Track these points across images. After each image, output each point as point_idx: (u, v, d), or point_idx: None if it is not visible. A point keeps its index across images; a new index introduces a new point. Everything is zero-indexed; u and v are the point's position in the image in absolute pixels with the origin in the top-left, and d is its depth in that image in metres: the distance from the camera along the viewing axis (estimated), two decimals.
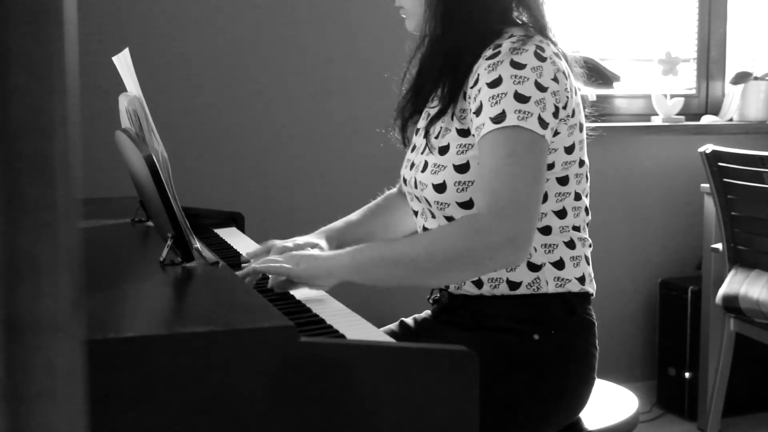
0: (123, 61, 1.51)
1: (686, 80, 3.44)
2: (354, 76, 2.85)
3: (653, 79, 3.32)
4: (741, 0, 3.47)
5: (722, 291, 2.72)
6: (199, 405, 1.01)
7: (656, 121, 3.26)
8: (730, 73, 3.41)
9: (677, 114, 3.26)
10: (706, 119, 3.35)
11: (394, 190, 1.87)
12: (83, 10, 2.47)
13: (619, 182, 3.19)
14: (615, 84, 3.25)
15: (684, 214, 3.28)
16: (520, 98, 1.39)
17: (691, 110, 3.39)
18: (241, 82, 2.74)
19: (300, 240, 1.70)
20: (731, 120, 3.37)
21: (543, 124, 1.40)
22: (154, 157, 1.34)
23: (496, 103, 1.40)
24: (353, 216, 1.81)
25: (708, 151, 2.72)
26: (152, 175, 1.32)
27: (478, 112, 1.43)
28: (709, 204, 2.94)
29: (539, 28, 1.51)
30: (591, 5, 3.26)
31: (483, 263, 1.38)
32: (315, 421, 1.05)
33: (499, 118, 1.39)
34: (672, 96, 3.29)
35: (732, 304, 2.68)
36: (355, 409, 1.06)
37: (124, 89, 1.60)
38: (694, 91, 3.44)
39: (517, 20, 1.54)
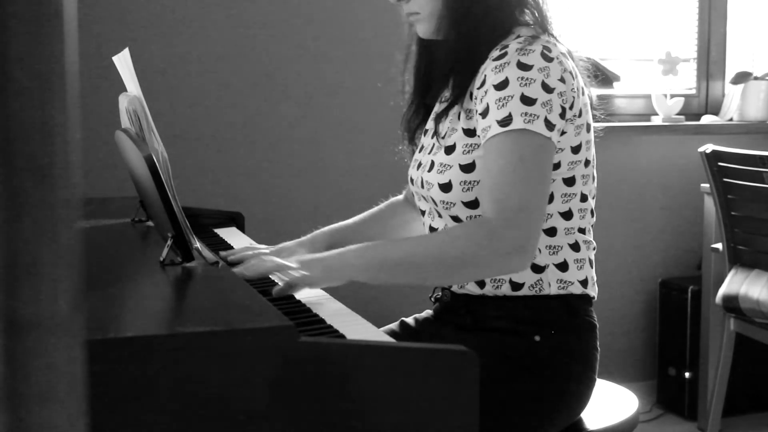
0: (123, 61, 1.51)
1: (686, 80, 3.44)
2: (355, 76, 2.85)
3: (653, 79, 3.32)
4: (741, 0, 3.47)
5: (722, 291, 2.72)
6: (199, 405, 1.01)
7: (656, 121, 3.26)
8: (730, 73, 3.41)
9: (677, 114, 3.26)
10: (706, 119, 3.35)
11: (400, 197, 1.86)
12: (83, 10, 2.47)
13: (619, 182, 3.19)
14: (615, 84, 3.25)
15: (684, 214, 3.28)
16: (527, 101, 1.39)
17: (691, 110, 3.39)
18: (241, 81, 2.73)
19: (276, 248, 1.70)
20: (731, 120, 3.37)
21: (549, 125, 1.40)
22: (154, 157, 1.34)
23: (503, 105, 1.40)
24: (350, 221, 1.80)
25: (708, 151, 2.71)
26: (152, 175, 1.32)
27: (484, 114, 1.43)
28: (709, 204, 2.94)
29: (544, 27, 1.51)
30: (591, 5, 3.26)
31: (490, 269, 1.41)
32: (315, 421, 1.05)
33: (505, 121, 1.39)
34: (672, 96, 3.29)
35: (732, 304, 2.68)
36: (355, 409, 1.06)
37: (124, 89, 1.60)
38: (694, 91, 3.44)
39: (523, 20, 1.53)
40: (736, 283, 2.69)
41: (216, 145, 2.72)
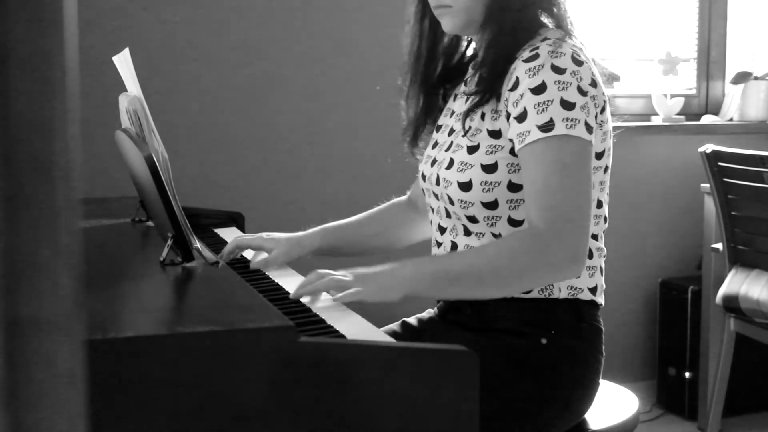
0: (123, 61, 1.51)
1: (686, 80, 3.44)
2: (355, 76, 2.85)
3: (653, 79, 3.32)
4: (741, 0, 3.47)
5: (722, 291, 2.72)
6: (199, 405, 1.01)
7: (656, 121, 3.26)
8: (730, 73, 3.41)
9: (677, 114, 3.26)
10: (706, 119, 3.35)
11: (403, 198, 1.85)
12: (83, 10, 2.47)
13: (619, 182, 3.19)
14: (615, 84, 3.25)
15: (684, 214, 3.28)
16: (567, 105, 1.39)
17: (691, 110, 3.39)
18: (241, 81, 2.74)
19: (275, 235, 1.69)
20: (731, 120, 3.37)
21: (589, 129, 1.40)
22: (154, 157, 1.34)
23: (543, 110, 1.39)
24: (347, 220, 1.79)
25: (708, 151, 2.71)
26: (152, 175, 1.32)
27: (521, 118, 1.41)
28: (709, 204, 2.94)
29: (566, 30, 1.50)
30: (591, 5, 3.26)
31: (545, 279, 1.43)
32: (315, 421, 1.05)
33: (547, 127, 1.38)
34: (672, 96, 3.29)
35: (732, 304, 2.68)
36: (354, 409, 1.06)
37: (124, 89, 1.60)
38: (694, 91, 3.44)
39: (544, 22, 1.52)
40: (736, 283, 2.69)
41: (216, 145, 2.72)
